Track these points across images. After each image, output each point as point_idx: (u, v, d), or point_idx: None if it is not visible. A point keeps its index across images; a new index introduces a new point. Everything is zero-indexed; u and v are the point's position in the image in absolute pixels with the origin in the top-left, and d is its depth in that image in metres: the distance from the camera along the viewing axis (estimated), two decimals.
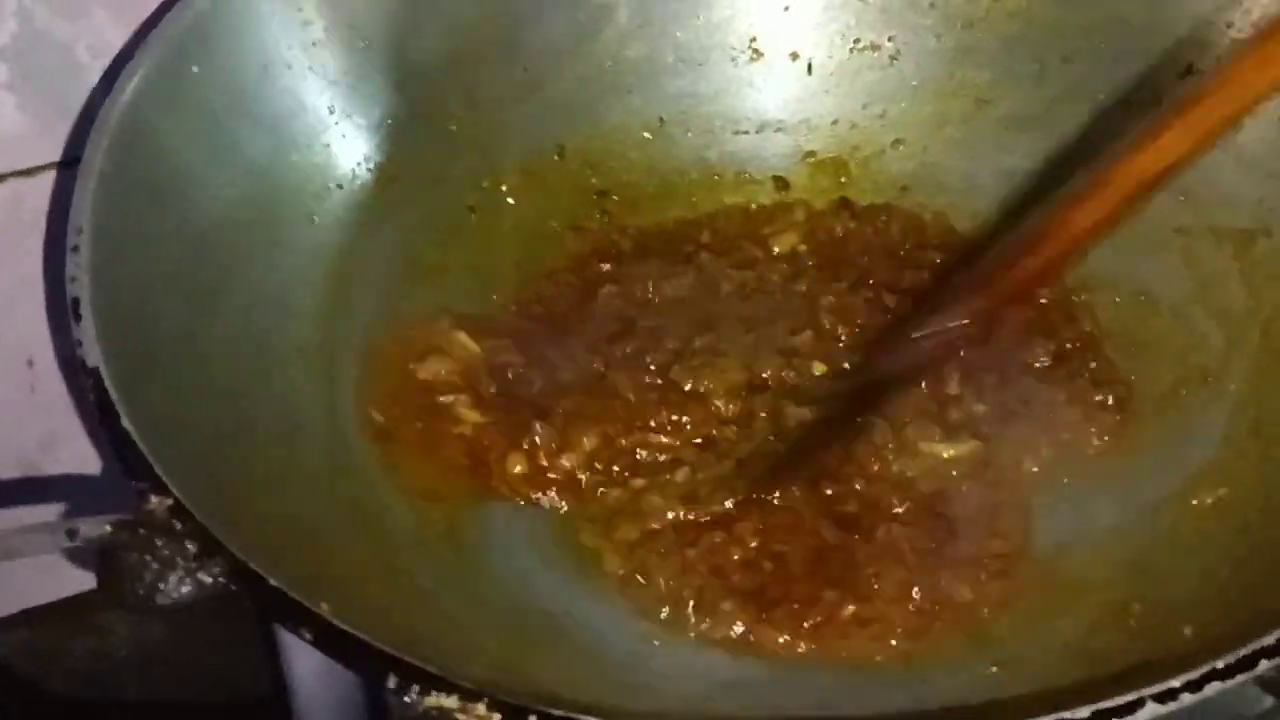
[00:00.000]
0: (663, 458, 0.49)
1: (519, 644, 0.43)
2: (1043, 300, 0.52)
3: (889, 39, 0.57)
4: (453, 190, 0.55)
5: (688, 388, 0.51)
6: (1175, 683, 0.32)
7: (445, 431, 0.49)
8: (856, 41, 0.58)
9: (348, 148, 0.53)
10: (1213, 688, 0.32)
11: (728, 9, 0.58)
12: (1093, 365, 0.51)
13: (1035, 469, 0.48)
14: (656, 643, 0.45)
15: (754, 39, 0.58)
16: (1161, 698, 0.32)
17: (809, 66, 0.58)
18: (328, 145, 0.52)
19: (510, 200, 0.56)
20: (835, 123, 0.58)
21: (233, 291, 0.48)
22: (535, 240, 0.56)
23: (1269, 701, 0.45)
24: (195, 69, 0.48)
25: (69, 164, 0.58)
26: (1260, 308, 0.49)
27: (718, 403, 0.50)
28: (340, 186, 0.53)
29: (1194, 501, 0.46)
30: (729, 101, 0.58)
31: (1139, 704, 0.32)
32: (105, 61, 0.55)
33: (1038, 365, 0.51)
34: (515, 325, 0.53)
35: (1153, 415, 0.50)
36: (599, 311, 0.53)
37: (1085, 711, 0.32)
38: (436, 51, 0.54)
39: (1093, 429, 0.49)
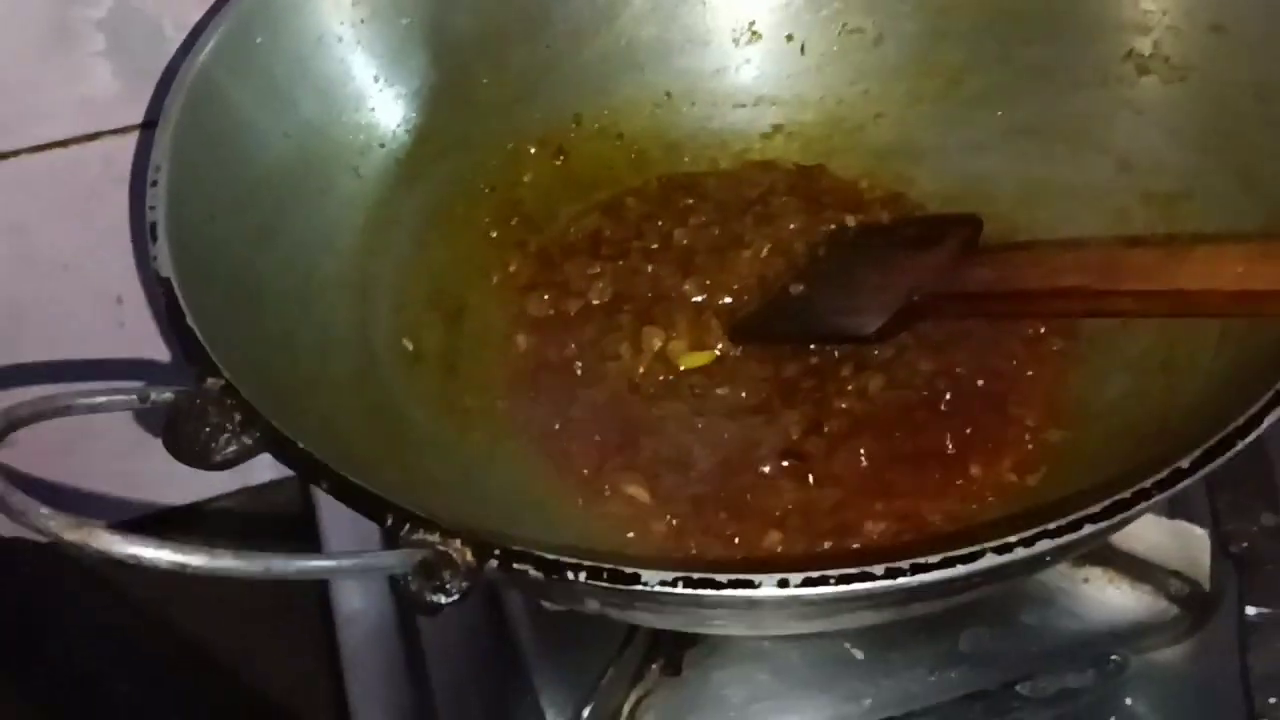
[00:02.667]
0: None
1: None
2: None
3: (873, 23, 0.63)
4: (480, 151, 0.62)
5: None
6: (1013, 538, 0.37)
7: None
8: (845, 25, 0.63)
9: (389, 112, 0.59)
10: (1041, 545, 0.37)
11: None
12: None
13: None
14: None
15: (753, 22, 0.64)
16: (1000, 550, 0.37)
17: (802, 47, 0.64)
18: (373, 109, 0.59)
19: (531, 159, 0.63)
20: (823, 98, 0.64)
21: (284, 229, 0.54)
22: (552, 193, 0.63)
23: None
24: (259, 39, 0.55)
25: (150, 125, 0.66)
26: None
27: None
28: (382, 145, 0.59)
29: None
30: (729, 78, 0.64)
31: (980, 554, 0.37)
32: (185, 35, 0.61)
33: None
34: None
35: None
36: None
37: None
38: (469, 29, 0.60)
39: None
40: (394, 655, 0.61)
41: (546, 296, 0.59)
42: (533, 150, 0.63)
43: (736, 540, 0.51)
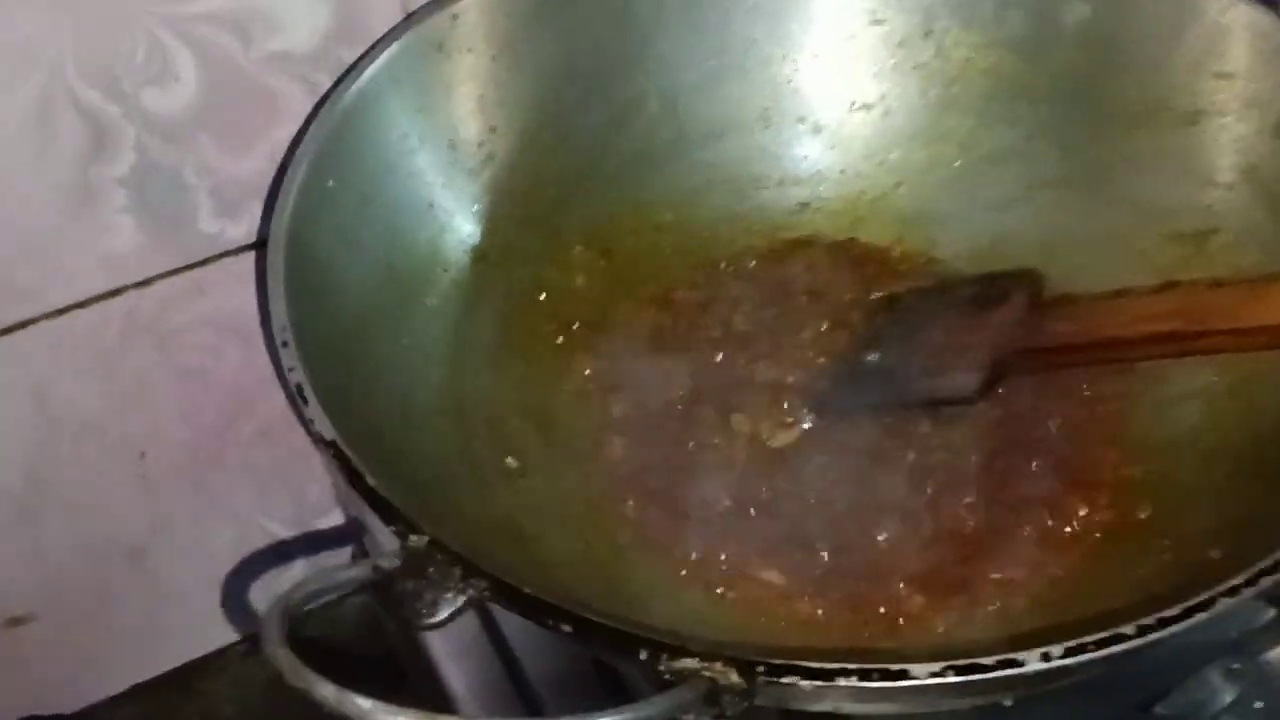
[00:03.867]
0: None
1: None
2: None
3: (881, 98, 0.66)
4: (533, 261, 0.63)
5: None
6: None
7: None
8: (853, 103, 0.66)
9: (447, 236, 0.61)
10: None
11: (739, 89, 0.66)
12: None
13: None
14: None
15: (765, 109, 0.67)
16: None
17: (815, 128, 0.67)
18: (431, 236, 0.60)
19: (581, 261, 0.65)
20: (843, 172, 0.67)
21: (380, 372, 0.55)
22: (605, 292, 0.65)
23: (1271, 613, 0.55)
24: (331, 183, 0.56)
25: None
26: None
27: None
28: (445, 270, 0.60)
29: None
30: (750, 164, 0.67)
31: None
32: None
33: None
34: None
35: None
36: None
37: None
38: (506, 147, 0.62)
39: None
40: None
41: (627, 398, 0.61)
42: (579, 251, 0.65)
43: (883, 610, 0.54)
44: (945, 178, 0.66)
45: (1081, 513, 0.56)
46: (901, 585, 0.54)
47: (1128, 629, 0.40)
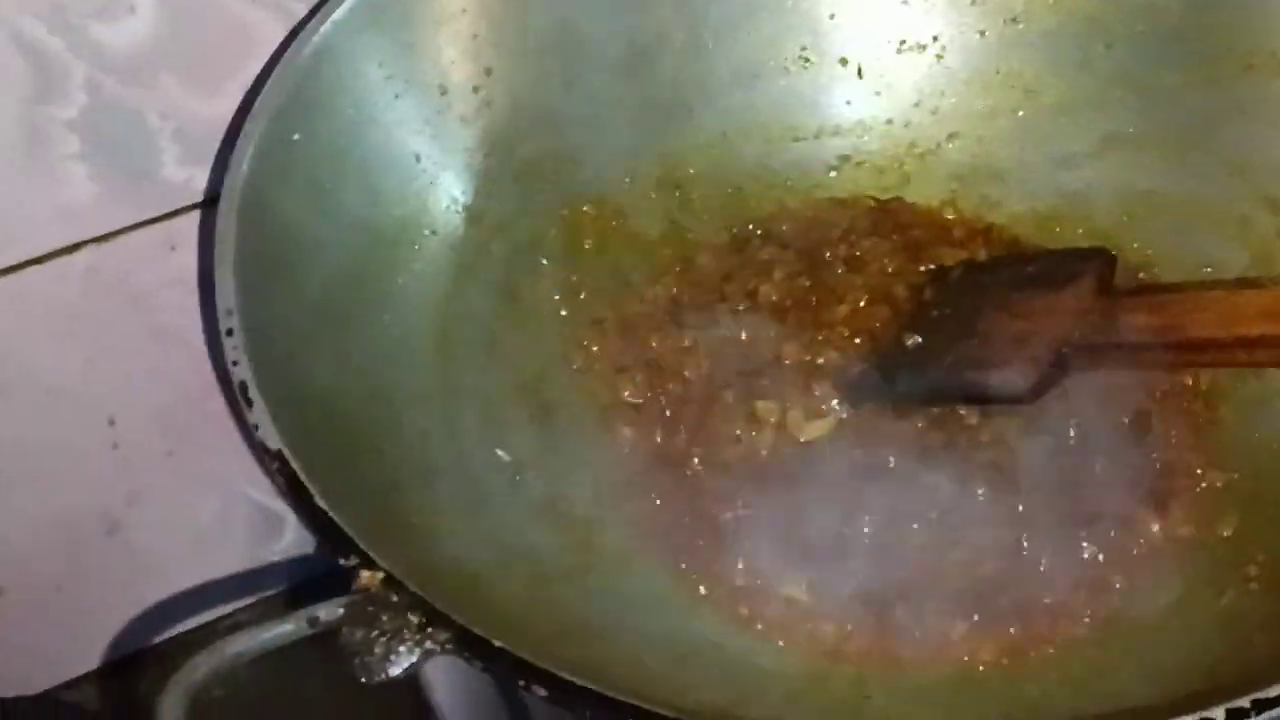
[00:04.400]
0: None
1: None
2: None
3: (934, 38, 0.59)
4: (534, 223, 0.57)
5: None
6: None
7: None
8: (903, 42, 0.59)
9: (435, 193, 0.54)
10: None
11: (774, 23, 0.59)
12: None
13: None
14: None
15: (803, 48, 0.59)
16: None
17: (859, 70, 0.60)
18: (418, 193, 0.54)
19: (589, 223, 0.58)
20: (889, 122, 0.60)
21: (356, 349, 0.50)
22: (617, 257, 0.58)
23: None
24: (296, 136, 0.49)
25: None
26: None
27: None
28: (433, 232, 0.54)
29: None
30: (785, 111, 0.60)
31: None
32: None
33: None
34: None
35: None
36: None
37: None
38: (509, 92, 0.55)
39: None
40: None
41: (639, 379, 0.54)
42: (588, 212, 0.58)
43: (917, 635, 0.48)
44: (1006, 129, 0.59)
45: (1154, 528, 0.49)
46: (940, 608, 0.48)
47: (1216, 714, 0.33)
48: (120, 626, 0.73)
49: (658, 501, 0.52)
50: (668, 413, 0.54)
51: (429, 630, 0.36)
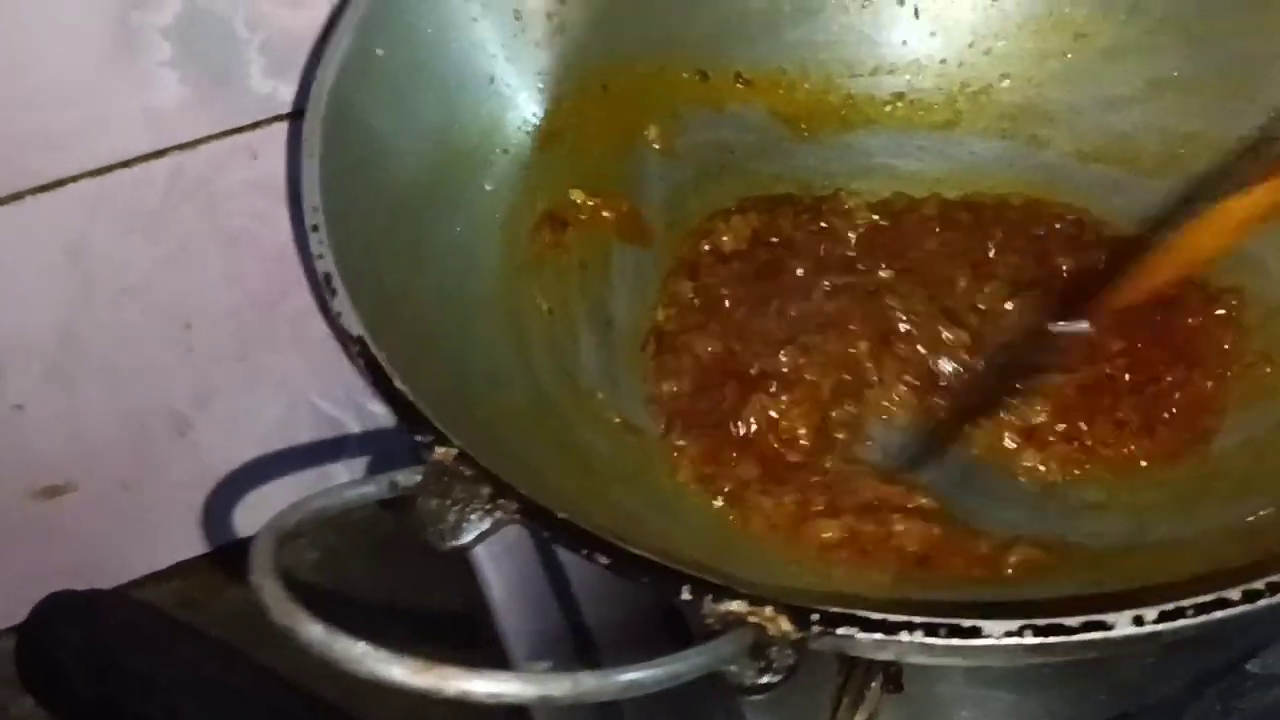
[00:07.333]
0: None
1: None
2: None
3: None
4: (603, 148, 0.58)
5: None
6: None
7: None
8: None
9: (508, 113, 0.56)
10: None
11: None
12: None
13: None
14: None
15: None
16: None
17: (915, 11, 0.61)
18: (491, 111, 0.56)
19: (656, 146, 0.60)
20: (944, 61, 0.62)
21: (429, 254, 0.51)
22: (683, 187, 0.60)
23: None
24: (380, 51, 0.52)
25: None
26: None
27: None
28: (505, 150, 0.56)
29: None
30: (844, 48, 0.61)
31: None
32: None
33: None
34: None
35: None
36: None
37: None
38: (578, 18, 0.57)
39: None
40: None
41: (712, 346, 0.56)
42: (653, 141, 0.60)
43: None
44: (1056, 71, 0.61)
45: None
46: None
47: (1232, 593, 0.35)
48: (185, 527, 0.76)
49: (711, 442, 0.53)
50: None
51: (499, 501, 0.39)
